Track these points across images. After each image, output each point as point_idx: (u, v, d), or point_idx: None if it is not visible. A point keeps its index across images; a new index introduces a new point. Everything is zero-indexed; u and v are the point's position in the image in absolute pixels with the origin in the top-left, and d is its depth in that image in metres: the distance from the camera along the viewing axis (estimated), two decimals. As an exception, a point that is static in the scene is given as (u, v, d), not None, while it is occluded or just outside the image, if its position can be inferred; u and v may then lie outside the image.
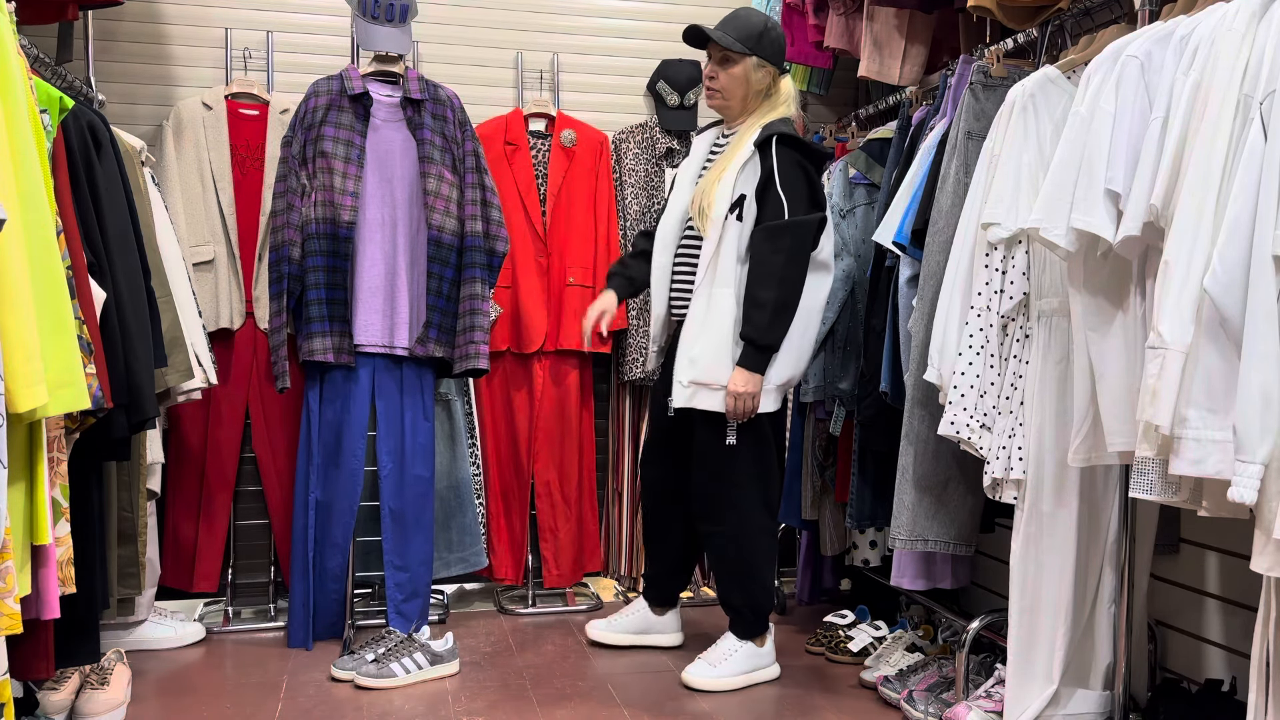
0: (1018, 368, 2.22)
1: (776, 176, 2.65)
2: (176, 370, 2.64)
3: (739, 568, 2.80)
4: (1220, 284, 1.58)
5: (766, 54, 2.75)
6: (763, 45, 2.75)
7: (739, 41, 2.73)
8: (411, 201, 3.04)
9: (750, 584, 2.80)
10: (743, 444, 2.73)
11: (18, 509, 1.75)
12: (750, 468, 2.76)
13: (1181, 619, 2.47)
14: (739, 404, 2.66)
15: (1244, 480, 1.53)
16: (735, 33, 2.74)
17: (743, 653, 2.79)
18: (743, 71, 2.75)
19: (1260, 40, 1.62)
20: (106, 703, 2.45)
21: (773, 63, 2.77)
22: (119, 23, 3.34)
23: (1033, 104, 2.18)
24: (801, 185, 2.67)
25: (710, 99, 2.82)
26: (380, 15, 2.99)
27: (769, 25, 2.76)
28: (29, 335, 1.64)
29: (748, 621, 2.81)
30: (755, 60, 2.75)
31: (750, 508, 2.78)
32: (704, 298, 2.70)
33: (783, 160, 2.66)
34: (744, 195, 2.69)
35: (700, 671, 2.75)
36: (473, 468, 3.47)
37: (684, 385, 2.70)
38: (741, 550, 2.79)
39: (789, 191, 2.65)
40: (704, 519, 2.83)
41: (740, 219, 2.68)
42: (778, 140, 2.67)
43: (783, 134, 2.68)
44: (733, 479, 2.76)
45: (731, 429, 2.71)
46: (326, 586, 3.06)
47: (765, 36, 2.75)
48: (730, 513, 2.77)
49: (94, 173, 2.10)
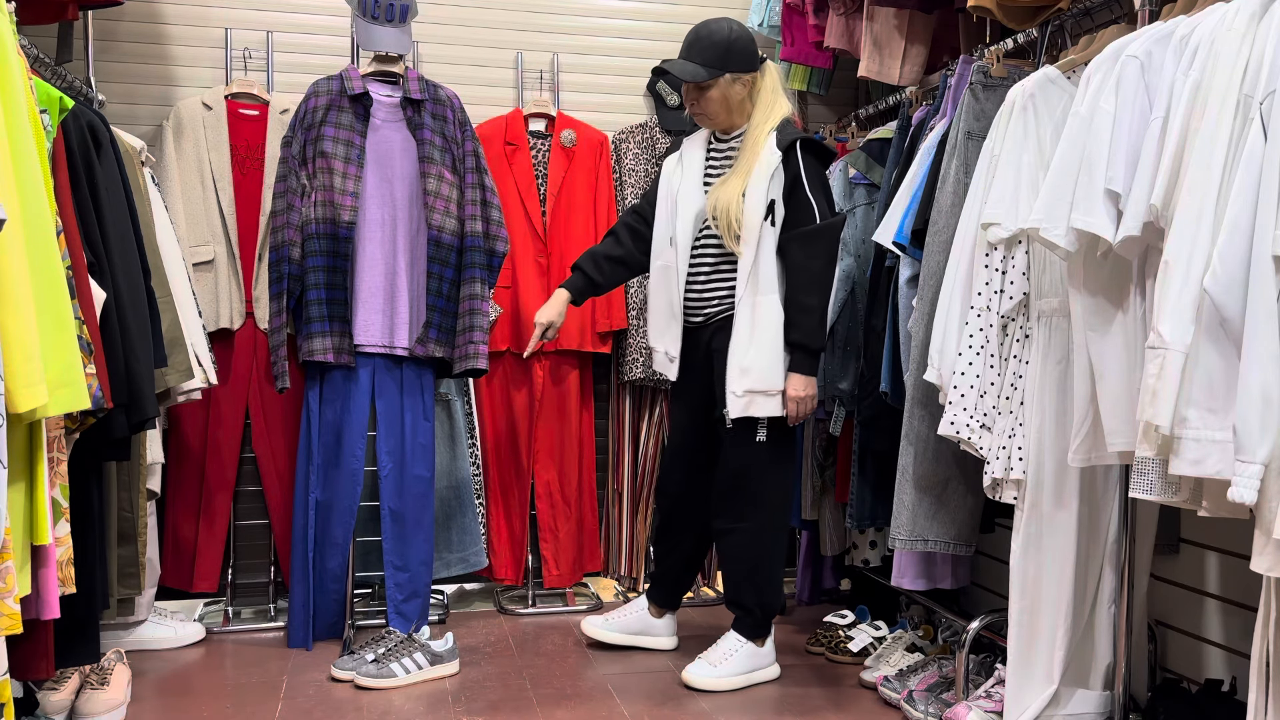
0: (1018, 368, 2.22)
1: (805, 181, 2.69)
2: (176, 370, 2.64)
3: (755, 566, 2.80)
4: (1220, 284, 1.58)
5: (737, 66, 2.73)
6: (731, 59, 2.72)
7: (705, 68, 2.71)
8: (411, 201, 3.04)
9: (765, 584, 2.81)
10: (772, 441, 2.75)
11: (18, 509, 1.75)
12: (777, 465, 2.79)
13: (1181, 619, 2.47)
14: (800, 408, 2.71)
15: (1244, 480, 1.53)
16: (701, 57, 2.72)
17: (744, 653, 2.79)
18: (719, 93, 2.75)
19: (1260, 40, 1.62)
20: (106, 703, 2.45)
21: (747, 70, 2.76)
22: (119, 23, 3.34)
23: (1033, 104, 2.18)
24: (824, 188, 2.73)
25: (699, 121, 2.84)
26: (380, 15, 2.99)
27: (732, 34, 2.73)
28: (29, 335, 1.64)
29: (755, 622, 2.82)
30: (729, 77, 2.74)
31: (773, 506, 2.79)
32: (749, 306, 2.71)
33: (808, 164, 2.71)
34: (774, 200, 2.70)
35: (701, 671, 2.76)
36: (473, 468, 3.47)
37: (738, 395, 2.70)
38: (760, 548, 2.80)
39: (818, 195, 2.69)
40: (724, 515, 2.82)
41: (774, 224, 2.70)
42: (802, 145, 2.70)
43: (804, 139, 2.72)
44: (761, 476, 2.78)
45: (763, 425, 2.73)
46: (326, 586, 3.06)
47: (732, 49, 2.72)
48: (752, 509, 2.78)
49: (94, 173, 2.10)
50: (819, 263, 2.68)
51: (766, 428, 2.73)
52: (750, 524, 2.79)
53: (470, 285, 3.01)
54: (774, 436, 2.75)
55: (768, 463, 2.77)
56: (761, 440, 2.74)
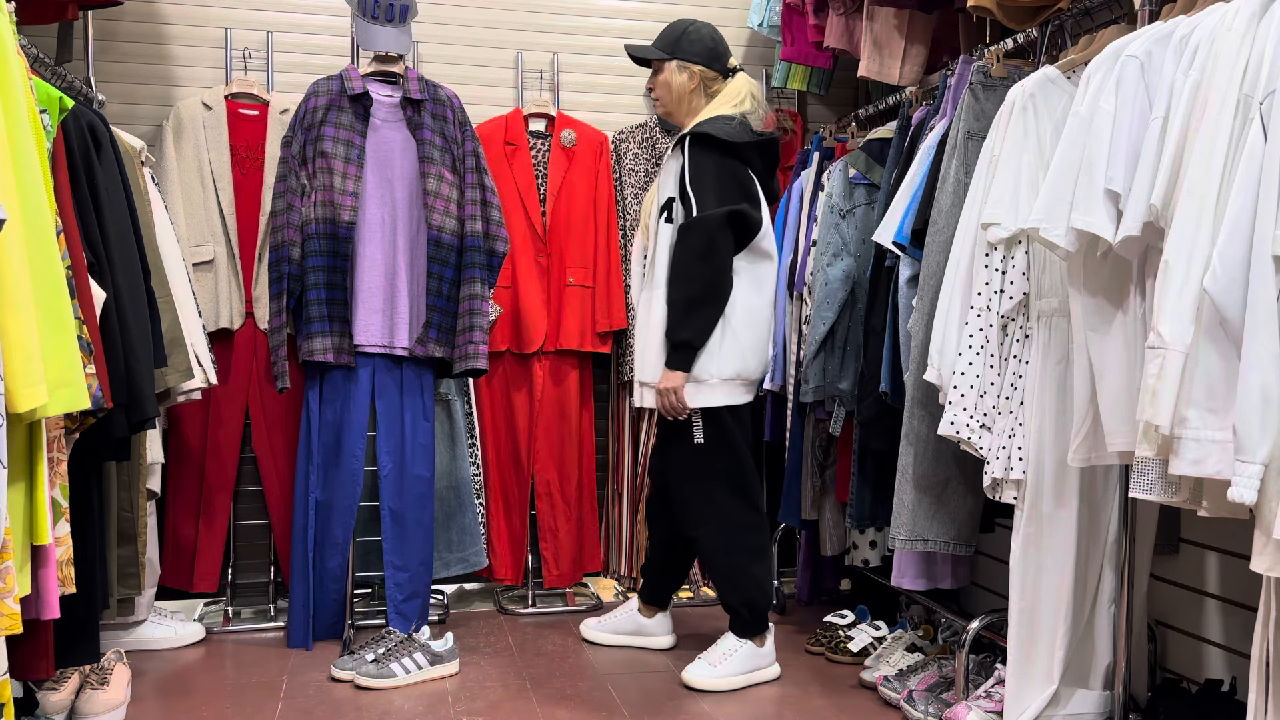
0: (1018, 368, 2.22)
1: (686, 175, 2.71)
2: (176, 370, 2.64)
3: (729, 567, 2.80)
4: (1220, 284, 1.58)
5: (686, 54, 2.82)
6: (681, 47, 2.82)
7: (657, 49, 2.85)
8: (411, 201, 3.04)
9: (744, 582, 2.80)
10: (710, 442, 2.76)
11: (18, 509, 1.75)
12: (721, 464, 2.78)
13: (1181, 619, 2.47)
14: (663, 400, 2.72)
15: (1244, 480, 1.53)
16: (658, 42, 2.87)
17: (743, 652, 2.79)
18: (666, 76, 2.86)
19: (1260, 40, 1.62)
20: (106, 703, 2.45)
21: (697, 62, 2.83)
22: (119, 23, 3.34)
23: (1032, 104, 2.18)
24: (708, 180, 2.69)
25: (656, 108, 2.96)
26: (380, 15, 2.99)
27: (689, 28, 2.84)
28: (29, 335, 1.64)
29: (745, 620, 2.81)
30: (676, 63, 2.84)
31: (729, 505, 2.79)
32: (645, 302, 2.82)
33: (691, 158, 2.71)
34: (671, 198, 2.77)
35: (700, 671, 2.75)
36: (473, 468, 3.47)
37: (638, 386, 2.83)
38: (728, 549, 2.79)
39: (695, 188, 2.70)
40: (686, 524, 2.83)
41: (670, 221, 2.77)
42: (689, 139, 2.72)
43: (695, 133, 2.72)
44: (707, 478, 2.78)
45: (698, 427, 2.75)
46: (326, 586, 3.06)
47: (684, 39, 2.83)
48: (709, 512, 2.79)
49: (94, 173, 2.10)
50: (688, 256, 2.67)
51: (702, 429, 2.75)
52: (710, 527, 2.79)
53: (470, 285, 3.01)
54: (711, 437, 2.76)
55: (712, 463, 2.77)
56: (700, 442, 2.75)
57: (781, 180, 3.80)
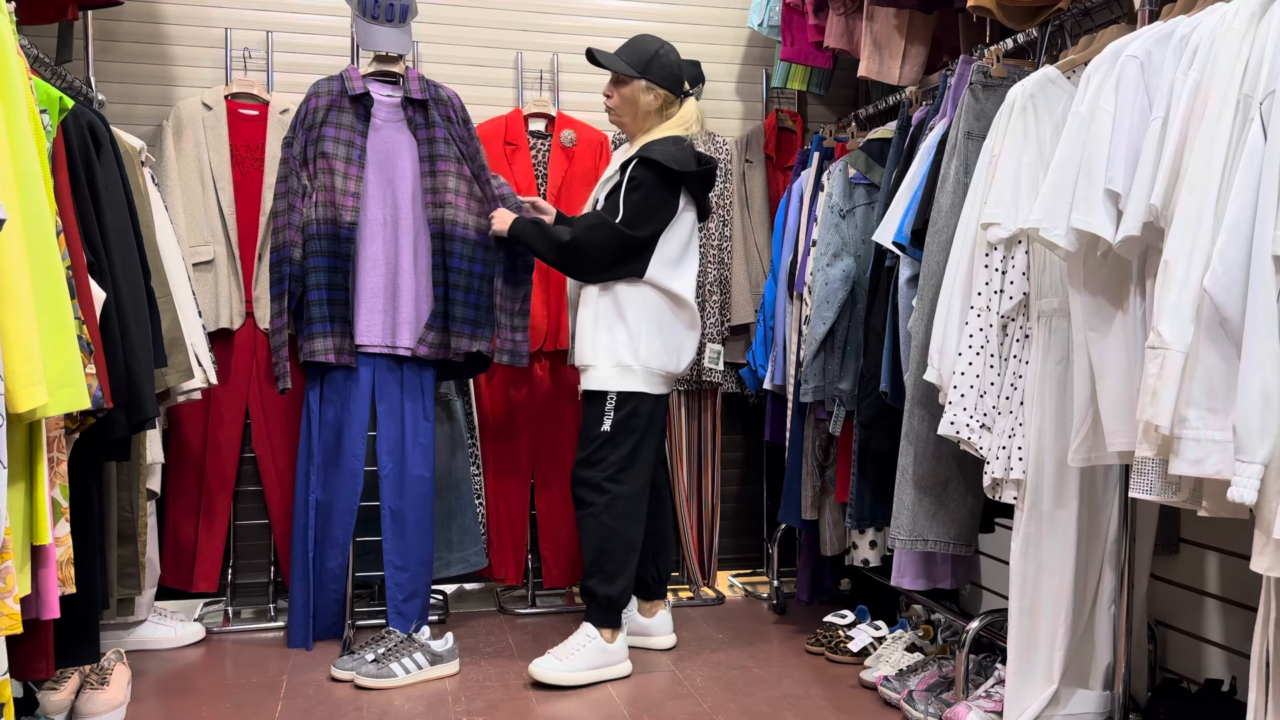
0: (1018, 368, 2.22)
1: (624, 185, 2.82)
2: (176, 370, 2.64)
3: (603, 556, 2.83)
4: (1220, 284, 1.58)
5: (655, 77, 2.90)
6: (652, 69, 2.90)
7: (629, 65, 2.89)
8: (413, 201, 3.04)
9: (614, 574, 2.83)
10: (618, 427, 2.84)
11: (17, 509, 1.75)
12: (624, 452, 2.84)
13: (1181, 619, 2.47)
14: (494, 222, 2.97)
15: (1244, 480, 1.53)
16: (628, 57, 2.91)
17: (591, 648, 2.80)
18: (632, 93, 2.91)
19: (1260, 40, 1.62)
20: (106, 703, 2.45)
21: (664, 86, 2.92)
22: (119, 23, 3.34)
23: (1032, 104, 2.18)
24: (638, 198, 2.81)
25: (609, 116, 2.99)
26: (380, 15, 2.99)
27: (660, 51, 2.91)
28: (29, 335, 1.64)
29: (601, 611, 2.84)
30: (644, 83, 2.90)
31: (621, 493, 2.84)
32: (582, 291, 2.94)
33: (637, 174, 2.82)
34: (608, 197, 2.90)
35: (548, 665, 2.77)
36: (473, 468, 3.47)
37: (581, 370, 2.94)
38: (608, 537, 2.83)
39: (627, 201, 2.81)
40: (577, 503, 2.89)
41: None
42: (639, 161, 2.83)
43: (645, 158, 2.81)
44: (608, 462, 2.84)
45: (608, 417, 2.83)
46: (326, 586, 3.06)
47: (655, 61, 2.90)
48: (598, 495, 2.84)
49: (94, 173, 2.10)
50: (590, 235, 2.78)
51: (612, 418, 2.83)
52: (595, 509, 2.84)
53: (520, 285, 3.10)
54: (621, 426, 2.84)
55: (616, 450, 2.84)
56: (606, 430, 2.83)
57: (781, 180, 3.81)
